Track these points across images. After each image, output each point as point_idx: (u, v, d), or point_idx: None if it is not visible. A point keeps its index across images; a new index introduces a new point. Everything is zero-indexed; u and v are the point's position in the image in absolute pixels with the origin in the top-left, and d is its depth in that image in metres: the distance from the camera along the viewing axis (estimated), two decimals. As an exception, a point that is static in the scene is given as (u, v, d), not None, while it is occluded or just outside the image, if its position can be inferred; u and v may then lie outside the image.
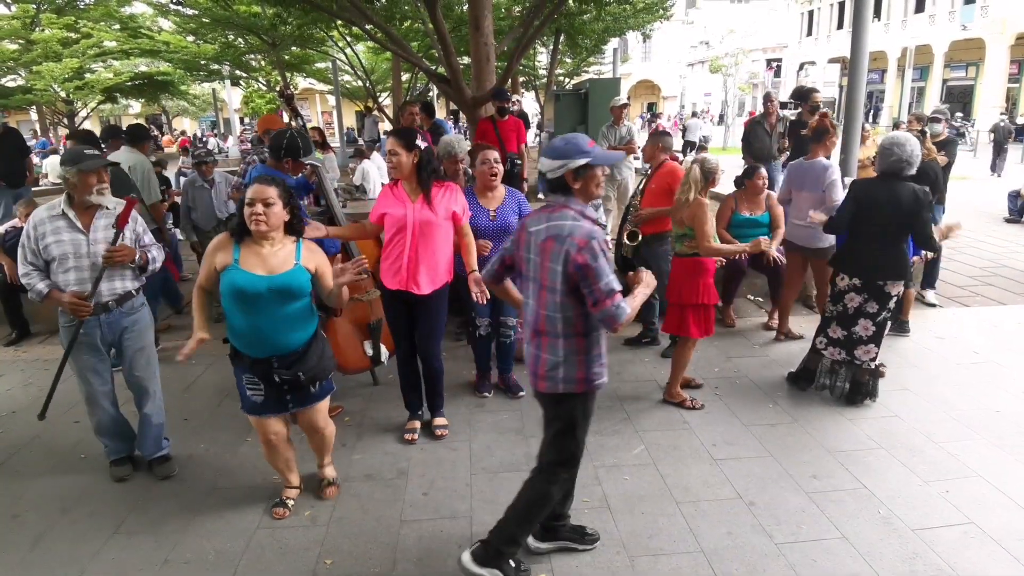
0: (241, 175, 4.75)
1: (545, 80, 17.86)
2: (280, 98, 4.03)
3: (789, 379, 3.97)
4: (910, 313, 4.75)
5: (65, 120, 21.10)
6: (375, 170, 9.15)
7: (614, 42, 18.42)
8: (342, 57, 18.04)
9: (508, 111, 6.38)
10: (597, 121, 8.36)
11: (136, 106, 33.28)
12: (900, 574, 2.39)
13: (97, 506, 2.92)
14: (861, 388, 3.65)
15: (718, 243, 3.54)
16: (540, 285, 2.18)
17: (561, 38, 14.59)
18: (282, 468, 2.85)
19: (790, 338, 4.63)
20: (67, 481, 3.12)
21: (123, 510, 2.88)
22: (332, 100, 22.71)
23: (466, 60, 9.90)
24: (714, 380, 4.01)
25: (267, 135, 4.48)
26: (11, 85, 18.73)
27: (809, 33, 37.78)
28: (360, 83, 19.10)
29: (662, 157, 4.34)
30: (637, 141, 6.76)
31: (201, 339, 2.54)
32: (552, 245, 2.11)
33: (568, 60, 19.91)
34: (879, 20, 30.24)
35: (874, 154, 3.85)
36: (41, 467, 3.27)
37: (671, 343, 4.47)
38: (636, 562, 2.48)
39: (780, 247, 4.59)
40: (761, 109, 7.01)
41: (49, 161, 15.58)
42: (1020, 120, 22.43)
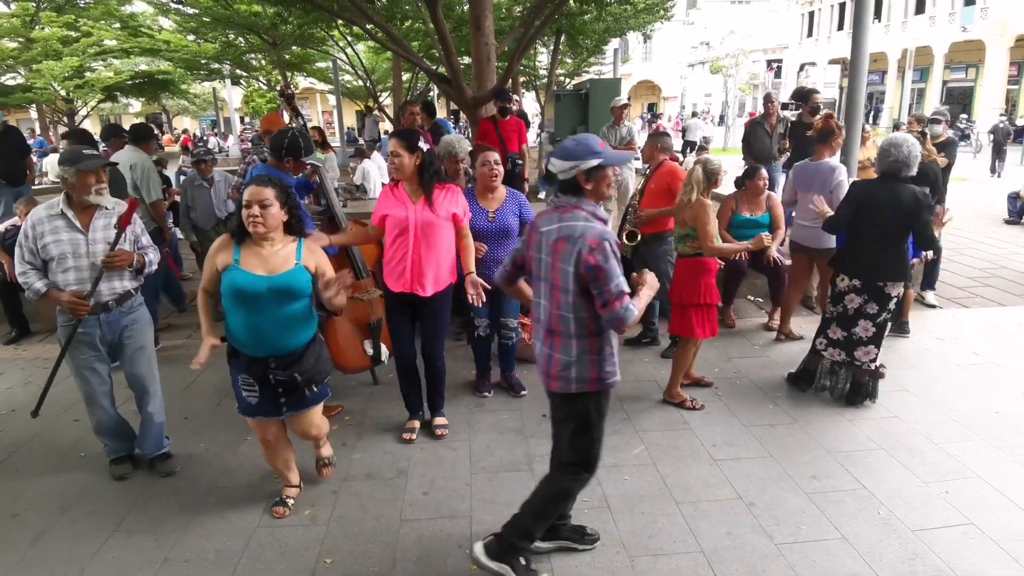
0: (241, 175, 4.74)
1: (546, 80, 17.86)
2: (280, 97, 4.03)
3: (789, 380, 3.98)
4: (910, 314, 4.75)
5: (65, 119, 21.11)
6: (375, 170, 9.16)
7: (615, 42, 18.41)
8: (343, 57, 18.05)
9: (509, 111, 6.38)
10: (597, 121, 8.36)
11: (136, 105, 33.31)
12: (900, 575, 2.40)
13: (97, 505, 2.92)
14: (861, 389, 3.65)
15: (721, 243, 3.54)
16: (552, 285, 2.19)
17: (562, 38, 14.58)
18: (281, 468, 2.85)
19: (790, 339, 4.63)
20: (67, 480, 3.12)
21: (123, 509, 2.88)
22: (332, 100, 22.70)
23: (467, 60, 9.90)
24: (714, 380, 4.01)
25: (267, 135, 4.48)
26: (11, 83, 18.73)
27: (809, 34, 37.79)
28: (361, 83, 19.09)
29: (661, 157, 4.34)
30: (637, 141, 6.76)
31: (213, 345, 2.54)
32: (564, 246, 2.11)
33: (569, 60, 19.91)
34: (879, 21, 30.26)
35: (874, 155, 3.85)
36: (41, 466, 3.27)
37: (671, 343, 4.47)
38: (636, 562, 2.48)
39: (781, 247, 4.59)
40: (761, 110, 7.00)
41: (49, 160, 15.59)
42: (1020, 122, 22.44)
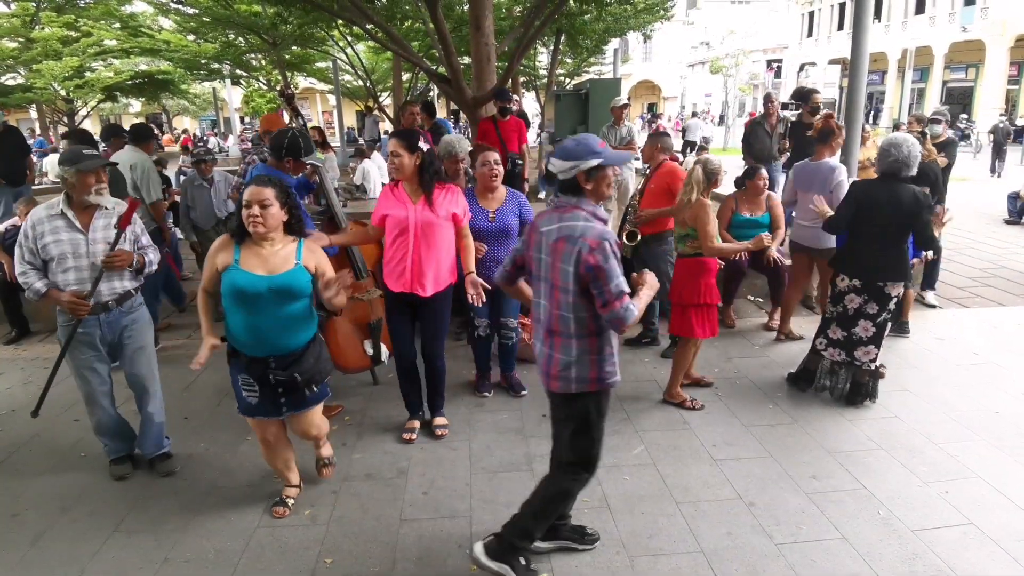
0: (241, 175, 4.75)
1: (546, 80, 17.86)
2: (280, 97, 4.03)
3: (789, 380, 3.98)
4: (910, 314, 4.75)
5: (65, 119, 21.10)
6: (375, 170, 9.16)
7: (615, 42, 18.41)
8: (343, 57, 18.04)
9: (510, 111, 6.38)
10: (597, 121, 8.35)
11: (136, 105, 33.30)
12: (899, 575, 2.40)
13: (97, 505, 2.92)
14: (861, 389, 3.65)
15: (721, 243, 3.54)
16: (552, 285, 2.19)
17: (562, 38, 14.58)
18: (281, 468, 2.85)
19: (790, 339, 4.63)
20: (67, 480, 3.12)
21: (123, 509, 2.88)
22: (332, 100, 22.70)
23: (467, 60, 9.90)
24: (714, 381, 4.01)
25: (267, 135, 4.48)
26: (11, 83, 18.72)
27: (809, 34, 37.79)
28: (361, 83, 19.08)
29: (661, 157, 4.34)
30: (637, 141, 6.77)
31: (213, 345, 2.54)
32: (564, 246, 2.11)
33: (569, 60, 19.91)
34: (879, 21, 30.26)
35: (874, 155, 3.85)
36: (41, 465, 3.27)
37: (671, 344, 4.47)
38: (636, 562, 2.48)
39: (780, 248, 4.59)
40: (761, 110, 7.00)
41: (49, 160, 15.60)
42: (1020, 122, 22.44)
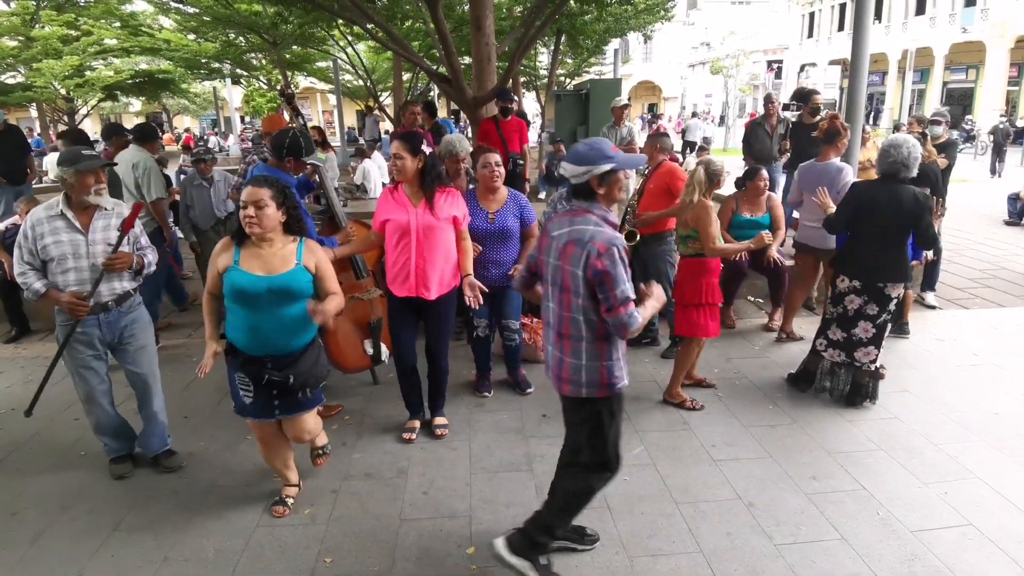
0: (242, 175, 4.74)
1: (546, 80, 17.86)
2: (281, 97, 4.04)
3: (789, 380, 3.98)
4: (910, 315, 4.76)
5: (65, 118, 21.09)
6: (376, 169, 9.16)
7: (615, 43, 18.42)
8: (343, 56, 18.05)
9: (511, 111, 6.39)
10: (598, 121, 8.37)
11: (136, 104, 33.29)
12: (899, 575, 2.40)
13: (96, 504, 2.92)
14: (861, 390, 3.65)
15: (723, 243, 3.54)
16: (562, 288, 2.20)
17: (562, 38, 14.59)
18: (280, 467, 2.85)
19: (791, 339, 4.63)
20: (67, 478, 3.13)
21: (122, 508, 2.88)
22: (333, 99, 22.72)
23: (467, 60, 9.90)
24: (715, 382, 4.00)
25: (267, 136, 4.48)
26: (11, 82, 18.72)
27: (810, 35, 37.79)
28: (361, 82, 19.09)
29: (661, 157, 4.35)
30: (638, 142, 6.77)
31: (215, 352, 2.56)
32: (573, 249, 2.12)
33: (569, 60, 19.92)
34: (880, 22, 30.26)
35: (874, 156, 3.86)
36: (41, 464, 3.27)
37: (671, 344, 4.48)
38: (635, 562, 2.48)
39: (781, 248, 4.59)
40: (762, 110, 7.01)
41: (49, 159, 15.59)
42: (1020, 123, 22.45)
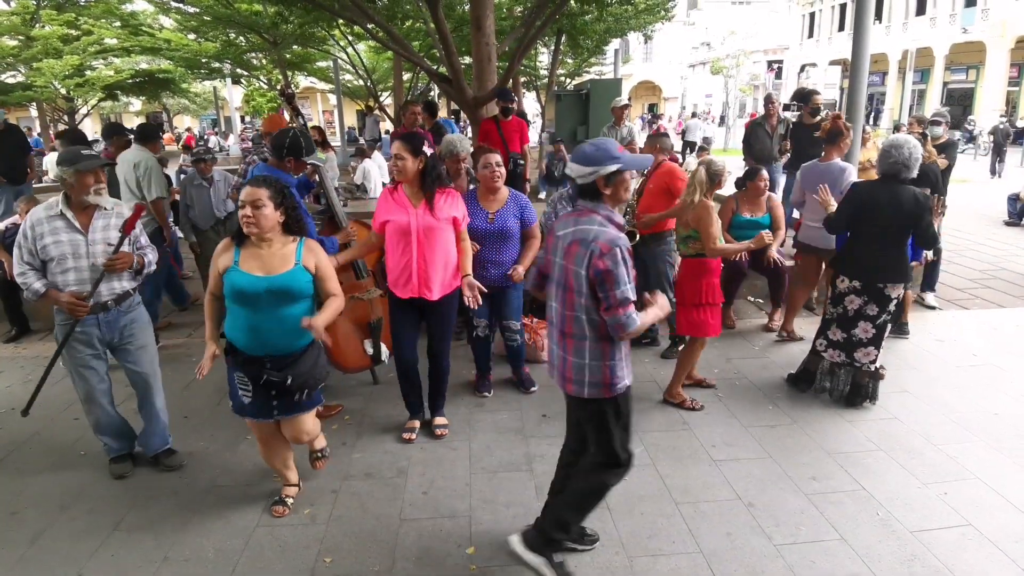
0: (242, 175, 4.74)
1: (546, 80, 17.85)
2: (281, 97, 4.04)
3: (789, 381, 3.98)
4: (909, 315, 4.76)
5: (65, 117, 21.09)
6: (376, 169, 9.17)
7: (615, 43, 18.40)
8: (343, 56, 18.04)
9: (512, 111, 6.39)
10: (598, 121, 8.36)
11: (137, 104, 33.27)
12: (898, 575, 2.40)
13: (96, 503, 2.92)
14: (861, 390, 3.65)
15: (724, 244, 3.55)
16: (566, 288, 2.21)
17: (562, 38, 14.57)
18: (279, 467, 2.85)
19: (792, 338, 4.63)
20: (66, 478, 3.13)
21: (122, 507, 2.88)
22: (333, 99, 22.73)
23: (467, 60, 9.89)
24: (716, 383, 4.00)
25: (268, 136, 4.48)
26: (11, 81, 18.71)
27: (810, 35, 37.78)
28: (361, 82, 19.08)
29: (660, 157, 4.35)
30: (638, 142, 6.77)
31: (214, 354, 2.56)
32: (577, 249, 2.14)
33: (569, 60, 19.89)
34: (880, 22, 30.25)
35: (874, 156, 3.86)
36: (40, 464, 3.27)
37: (670, 344, 4.48)
38: (635, 563, 2.48)
39: (781, 248, 4.58)
40: (762, 111, 7.01)
41: (49, 159, 15.60)
42: (1020, 123, 22.45)
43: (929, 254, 4.81)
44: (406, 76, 17.24)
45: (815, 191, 4.29)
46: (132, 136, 5.06)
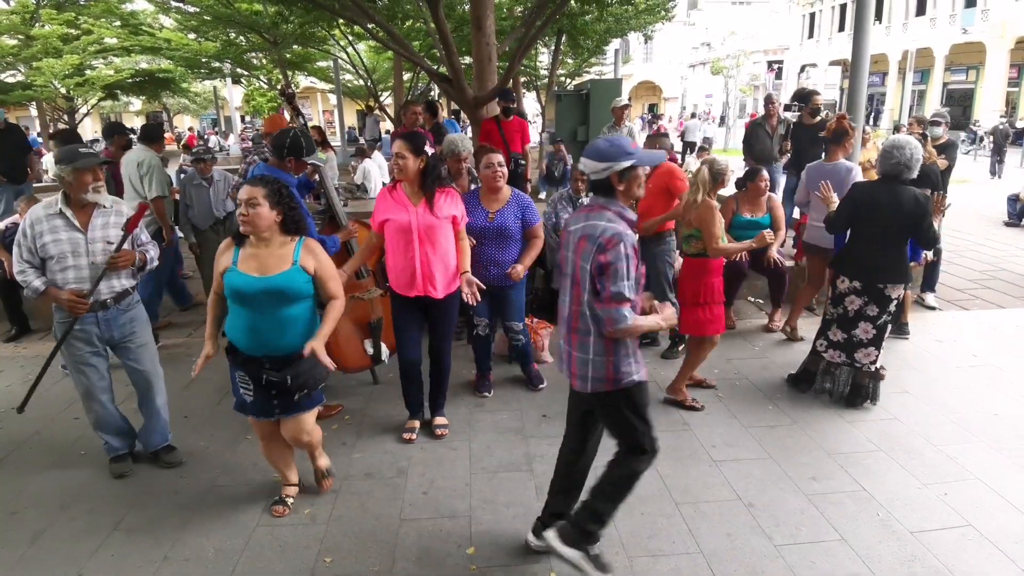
0: (242, 174, 4.75)
1: (546, 80, 17.85)
2: (281, 97, 4.04)
3: (789, 381, 3.98)
4: (909, 316, 4.76)
5: (65, 116, 21.09)
6: (376, 169, 9.17)
7: (616, 43, 18.40)
8: (344, 56, 18.04)
9: (513, 111, 6.40)
10: (598, 121, 8.36)
11: (137, 103, 33.27)
12: (898, 576, 2.40)
13: (96, 503, 2.92)
14: (861, 391, 3.65)
15: (726, 243, 3.55)
16: (574, 282, 2.23)
17: (563, 38, 14.57)
18: (280, 466, 2.85)
19: (794, 336, 4.65)
20: (66, 478, 3.13)
21: (122, 507, 2.88)
22: (333, 99, 22.73)
23: (468, 60, 9.89)
24: (716, 383, 4.01)
25: (268, 136, 4.48)
26: (11, 80, 18.71)
27: (810, 35, 37.78)
28: (361, 82, 19.08)
29: (660, 157, 4.35)
30: (638, 142, 6.76)
31: (208, 356, 2.56)
32: (585, 244, 2.15)
33: (569, 61, 19.89)
34: (880, 23, 30.25)
35: (875, 157, 3.86)
36: (40, 463, 3.27)
37: (670, 344, 4.48)
38: (635, 563, 2.48)
39: (781, 249, 4.58)
40: (762, 111, 7.01)
41: (48, 158, 15.61)
42: (1020, 124, 22.46)
43: (929, 254, 4.81)
44: (406, 76, 17.24)
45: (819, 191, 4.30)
46: (134, 136, 5.08)
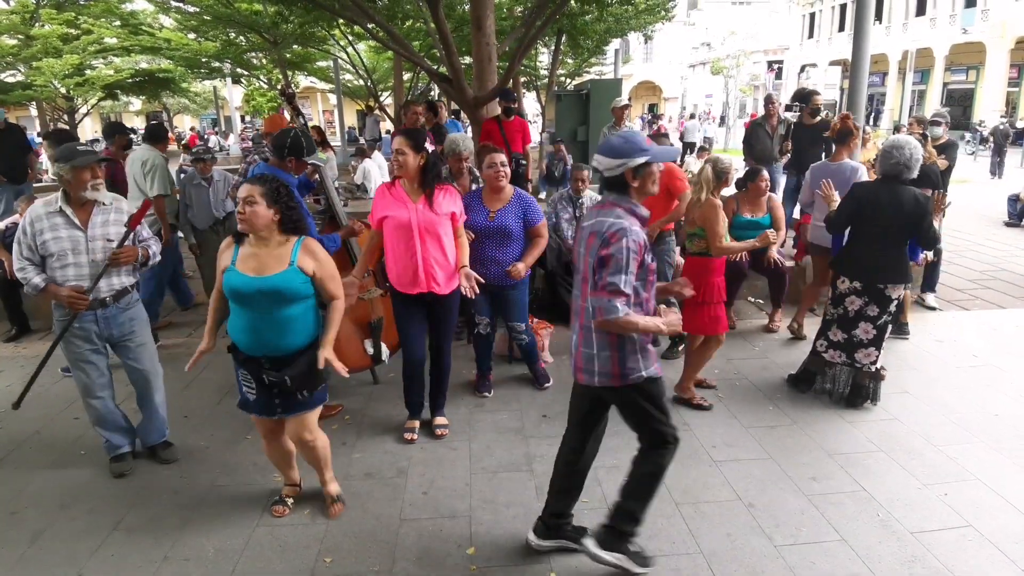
0: (242, 174, 4.75)
1: (546, 80, 17.84)
2: (281, 97, 4.04)
3: (789, 381, 3.98)
4: (910, 316, 4.76)
5: (65, 116, 21.07)
6: (376, 169, 9.18)
7: (616, 43, 18.40)
8: (344, 56, 18.05)
9: (514, 111, 6.40)
10: (598, 121, 8.37)
11: (137, 103, 33.27)
12: (899, 577, 2.40)
13: (96, 503, 2.92)
14: (861, 391, 3.65)
15: (729, 242, 3.55)
16: (583, 278, 2.24)
17: (563, 38, 14.56)
18: (281, 465, 2.85)
19: (799, 333, 4.67)
20: (66, 477, 3.13)
21: (122, 507, 2.88)
22: (333, 99, 22.73)
23: (468, 60, 9.89)
24: (716, 383, 4.00)
25: (268, 136, 4.48)
26: (11, 80, 18.70)
27: (810, 35, 37.78)
28: (361, 82, 19.09)
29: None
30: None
31: (202, 351, 2.55)
32: (593, 240, 2.16)
33: (570, 61, 19.89)
34: (880, 23, 30.24)
35: (875, 157, 3.86)
36: (40, 463, 3.27)
37: (671, 344, 4.48)
38: (635, 563, 2.48)
39: (781, 249, 4.58)
40: (762, 111, 7.01)
41: (44, 158, 15.61)
42: (1020, 124, 22.46)
43: (929, 255, 4.81)
44: (406, 76, 17.24)
45: None
46: (135, 136, 5.10)
